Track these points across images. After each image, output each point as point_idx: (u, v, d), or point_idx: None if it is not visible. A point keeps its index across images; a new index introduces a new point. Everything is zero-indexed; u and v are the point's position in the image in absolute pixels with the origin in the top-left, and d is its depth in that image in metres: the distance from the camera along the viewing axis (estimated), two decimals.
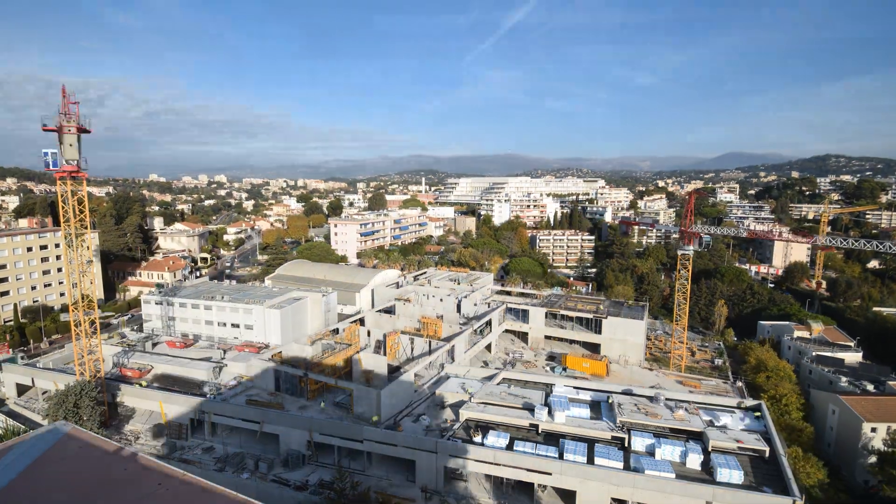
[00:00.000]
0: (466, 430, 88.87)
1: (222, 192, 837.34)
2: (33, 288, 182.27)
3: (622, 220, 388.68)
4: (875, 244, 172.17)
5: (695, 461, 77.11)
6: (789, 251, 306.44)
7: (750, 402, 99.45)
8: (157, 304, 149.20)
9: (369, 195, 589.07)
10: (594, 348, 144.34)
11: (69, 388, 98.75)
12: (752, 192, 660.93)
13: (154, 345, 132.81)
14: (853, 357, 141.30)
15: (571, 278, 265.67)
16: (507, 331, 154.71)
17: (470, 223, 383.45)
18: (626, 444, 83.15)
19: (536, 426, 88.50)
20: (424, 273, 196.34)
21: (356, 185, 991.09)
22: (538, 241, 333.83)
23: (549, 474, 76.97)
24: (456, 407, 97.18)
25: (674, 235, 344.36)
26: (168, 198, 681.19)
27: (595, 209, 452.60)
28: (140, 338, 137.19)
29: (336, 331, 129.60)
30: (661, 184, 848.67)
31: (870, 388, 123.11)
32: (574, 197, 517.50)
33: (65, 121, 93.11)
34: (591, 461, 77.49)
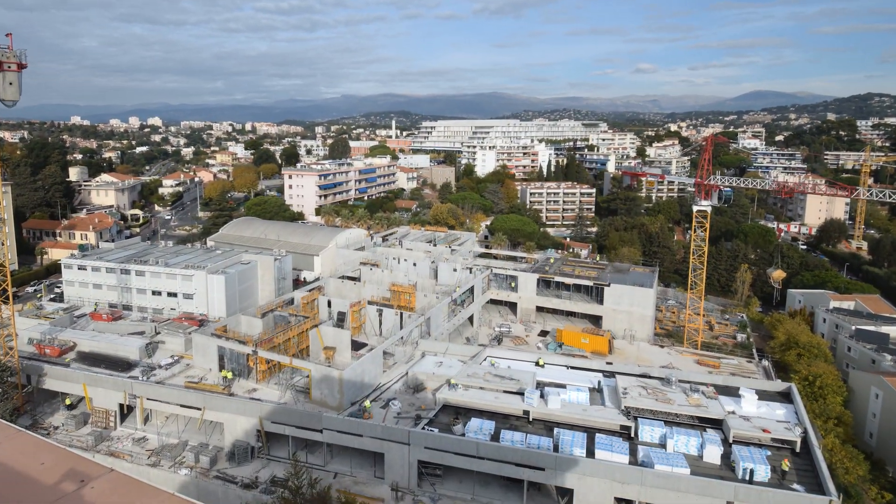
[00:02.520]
0: (444, 417, 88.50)
1: (157, 138, 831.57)
2: None
3: (625, 170, 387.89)
4: None
5: (713, 454, 77.12)
6: (825, 207, 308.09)
7: (778, 384, 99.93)
8: (80, 269, 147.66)
9: (330, 141, 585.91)
10: (595, 321, 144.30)
11: None
12: (781, 137, 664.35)
13: (77, 317, 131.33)
14: None
15: (568, 239, 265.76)
16: (492, 301, 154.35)
17: (448, 174, 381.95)
18: (633, 435, 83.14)
19: (527, 413, 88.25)
20: (395, 233, 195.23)
21: (314, 130, 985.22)
22: (529, 194, 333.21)
23: (542, 470, 76.73)
24: (432, 391, 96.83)
25: (689, 188, 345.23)
26: (93, 144, 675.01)
27: (596, 157, 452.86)
28: (60, 309, 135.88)
29: (291, 301, 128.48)
30: (673, 128, 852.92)
31: None
32: (571, 143, 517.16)
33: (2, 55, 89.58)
34: (590, 454, 77.37)
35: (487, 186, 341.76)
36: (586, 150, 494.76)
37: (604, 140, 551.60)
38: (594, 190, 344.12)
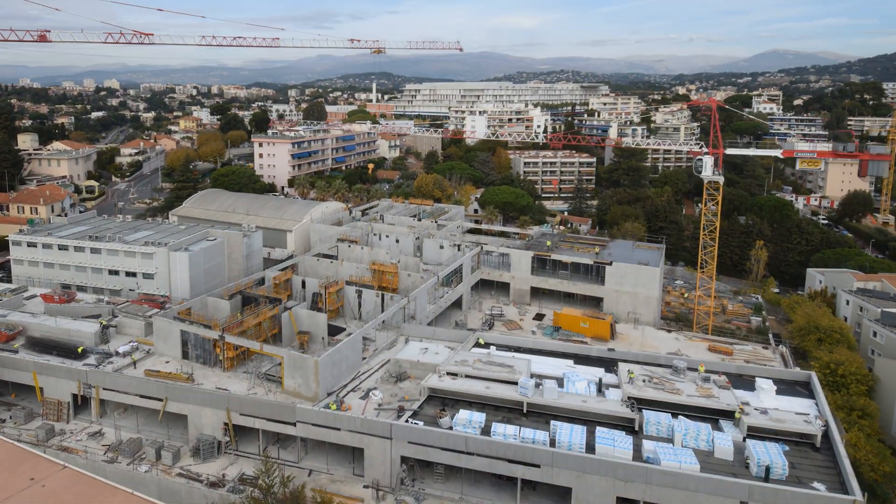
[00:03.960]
0: (430, 409, 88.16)
1: (114, 102, 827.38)
2: None
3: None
4: None
5: (726, 449, 77.10)
6: (848, 178, 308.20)
7: (797, 372, 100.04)
8: (29, 246, 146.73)
9: (304, 105, 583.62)
10: (596, 304, 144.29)
11: None
12: (800, 101, 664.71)
13: (25, 299, 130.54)
14: None
15: (566, 213, 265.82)
16: (482, 281, 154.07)
17: (434, 142, 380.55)
18: (637, 428, 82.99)
19: (521, 404, 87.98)
20: (376, 206, 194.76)
21: (287, 93, 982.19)
22: (523, 164, 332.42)
23: (537, 466, 76.51)
24: (417, 379, 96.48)
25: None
26: (44, 109, 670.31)
27: (596, 123, 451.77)
28: (7, 290, 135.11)
29: (262, 281, 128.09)
30: (681, 91, 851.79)
31: None
32: (569, 108, 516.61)
33: None
34: (590, 449, 77.17)
35: (477, 155, 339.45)
36: (586, 115, 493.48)
37: (605, 104, 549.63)
38: (594, 159, 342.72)
